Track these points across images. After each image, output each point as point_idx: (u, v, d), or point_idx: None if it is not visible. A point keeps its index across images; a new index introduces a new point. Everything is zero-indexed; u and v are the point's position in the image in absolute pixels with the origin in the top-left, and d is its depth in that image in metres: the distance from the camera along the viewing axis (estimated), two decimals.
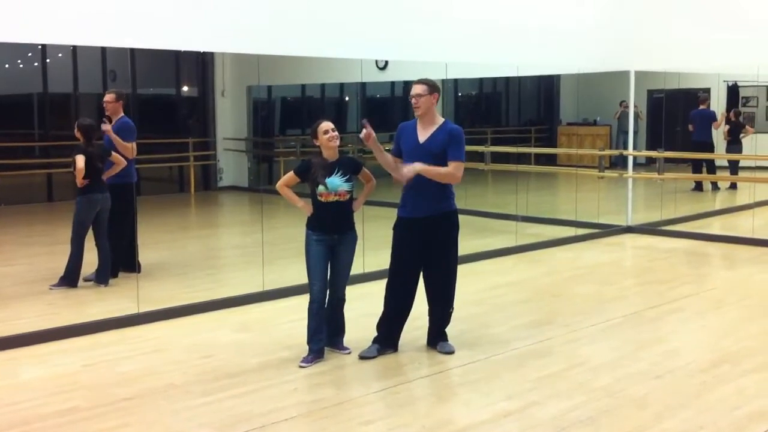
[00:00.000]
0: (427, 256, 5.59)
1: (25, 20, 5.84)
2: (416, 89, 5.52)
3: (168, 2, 6.63)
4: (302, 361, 5.39)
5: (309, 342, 5.47)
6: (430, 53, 8.79)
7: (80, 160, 7.35)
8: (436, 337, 5.72)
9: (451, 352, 5.61)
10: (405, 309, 5.67)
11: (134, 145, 7.93)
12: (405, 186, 5.54)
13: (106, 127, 7.74)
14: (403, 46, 8.41)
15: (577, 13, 10.43)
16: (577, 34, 10.31)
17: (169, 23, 6.59)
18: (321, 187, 5.38)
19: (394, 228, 5.63)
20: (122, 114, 8.00)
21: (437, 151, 5.43)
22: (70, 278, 7.56)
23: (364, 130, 5.33)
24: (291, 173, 5.51)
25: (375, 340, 5.65)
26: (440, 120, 5.58)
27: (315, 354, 5.44)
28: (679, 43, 10.72)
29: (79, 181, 7.40)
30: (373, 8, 7.98)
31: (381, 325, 5.69)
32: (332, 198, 5.40)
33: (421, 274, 5.67)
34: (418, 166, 5.38)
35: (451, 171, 5.43)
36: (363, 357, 5.53)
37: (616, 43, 10.76)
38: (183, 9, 6.69)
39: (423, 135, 5.52)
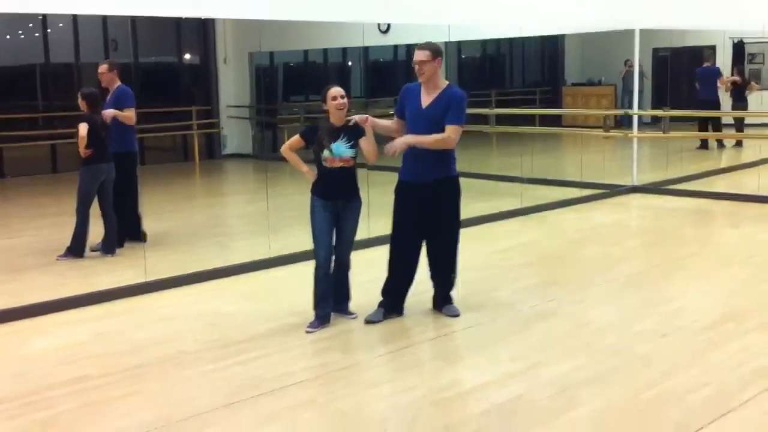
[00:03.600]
0: (429, 223, 5.59)
1: None
2: (419, 56, 5.41)
3: None
4: (309, 327, 5.43)
5: (315, 308, 5.50)
6: (433, 15, 8.72)
7: (83, 128, 7.34)
8: (442, 301, 5.75)
9: (457, 315, 5.64)
10: (409, 273, 5.68)
11: (134, 111, 7.86)
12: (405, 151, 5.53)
13: (108, 113, 7.68)
14: (405, 9, 8.34)
15: None
16: None
17: None
18: (326, 152, 5.37)
19: (396, 191, 5.62)
20: (119, 83, 7.96)
21: (438, 117, 5.37)
22: (76, 249, 7.59)
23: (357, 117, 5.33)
24: (296, 136, 5.48)
25: (381, 304, 5.68)
26: (444, 84, 5.52)
27: (321, 319, 5.48)
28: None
29: (82, 150, 7.39)
30: None
31: (386, 289, 5.71)
32: (337, 164, 5.39)
33: (424, 241, 5.68)
34: (410, 139, 5.33)
35: (445, 136, 5.34)
36: (369, 321, 5.56)
37: (620, 1, 10.65)
38: None
39: (426, 100, 5.47)
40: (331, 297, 5.56)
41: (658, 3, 10.68)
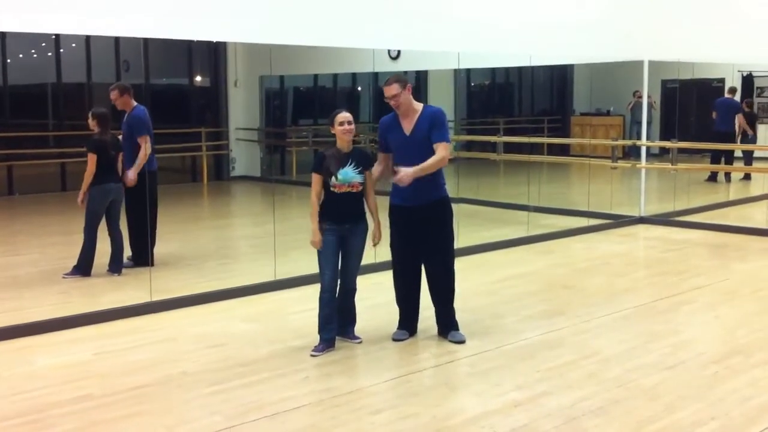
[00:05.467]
0: (424, 245, 5.61)
1: (38, 10, 5.85)
2: (390, 90, 5.47)
3: None
4: (314, 351, 5.41)
5: (320, 331, 5.49)
6: (443, 43, 8.76)
7: (92, 163, 7.41)
8: (447, 327, 5.73)
9: (462, 342, 5.61)
10: (415, 291, 5.73)
11: (147, 138, 7.79)
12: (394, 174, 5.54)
13: (129, 179, 7.72)
14: (415, 36, 8.38)
15: (591, 2, 10.37)
16: (590, 24, 10.25)
17: (182, 13, 6.59)
18: (333, 179, 5.38)
19: (389, 216, 5.67)
20: (134, 104, 7.95)
21: (425, 139, 5.46)
22: (83, 267, 7.60)
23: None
24: (314, 177, 5.40)
25: (399, 326, 5.78)
26: (419, 107, 5.59)
27: (326, 343, 5.46)
28: (693, 32, 10.64)
29: (88, 175, 7.44)
30: None
31: (400, 310, 5.78)
32: (345, 189, 5.39)
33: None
34: (411, 172, 5.35)
35: (439, 157, 5.43)
36: (395, 339, 5.69)
37: (629, 33, 10.69)
38: None
39: (408, 126, 5.54)
40: (337, 321, 5.54)
41: (668, 35, 10.72)
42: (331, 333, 5.51)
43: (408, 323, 5.77)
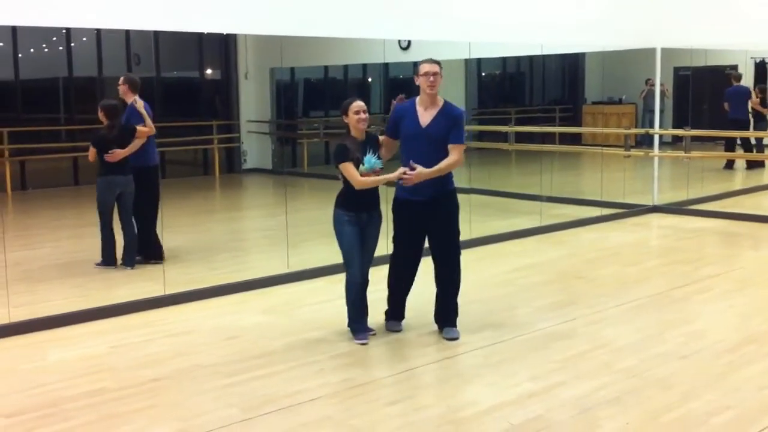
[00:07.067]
0: (430, 238, 5.59)
1: (49, 4, 5.87)
2: (434, 68, 5.41)
3: None
4: (358, 339, 5.43)
5: (355, 321, 5.49)
6: (454, 32, 8.74)
7: (91, 155, 7.56)
8: (444, 321, 5.67)
9: (455, 339, 5.54)
10: (407, 286, 5.73)
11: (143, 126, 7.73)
12: (403, 166, 5.48)
13: (116, 155, 7.57)
14: (426, 26, 8.36)
15: None
16: (602, 11, 10.19)
17: (193, 6, 6.60)
18: (362, 167, 5.33)
19: (394, 209, 5.64)
20: (134, 97, 7.87)
21: (439, 136, 5.38)
22: (106, 258, 7.68)
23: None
24: (347, 165, 5.30)
25: (390, 316, 5.78)
26: (440, 101, 5.51)
27: (366, 330, 5.50)
28: (706, 19, 10.57)
29: (91, 157, 7.57)
30: None
31: (389, 301, 5.82)
32: (371, 176, 5.35)
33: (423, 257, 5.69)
34: (425, 172, 5.30)
35: (455, 159, 5.38)
36: (391, 330, 5.69)
37: (641, 20, 10.63)
38: None
39: (425, 118, 5.45)
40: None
41: (680, 22, 10.65)
42: (365, 319, 5.53)
43: (398, 311, 5.78)
